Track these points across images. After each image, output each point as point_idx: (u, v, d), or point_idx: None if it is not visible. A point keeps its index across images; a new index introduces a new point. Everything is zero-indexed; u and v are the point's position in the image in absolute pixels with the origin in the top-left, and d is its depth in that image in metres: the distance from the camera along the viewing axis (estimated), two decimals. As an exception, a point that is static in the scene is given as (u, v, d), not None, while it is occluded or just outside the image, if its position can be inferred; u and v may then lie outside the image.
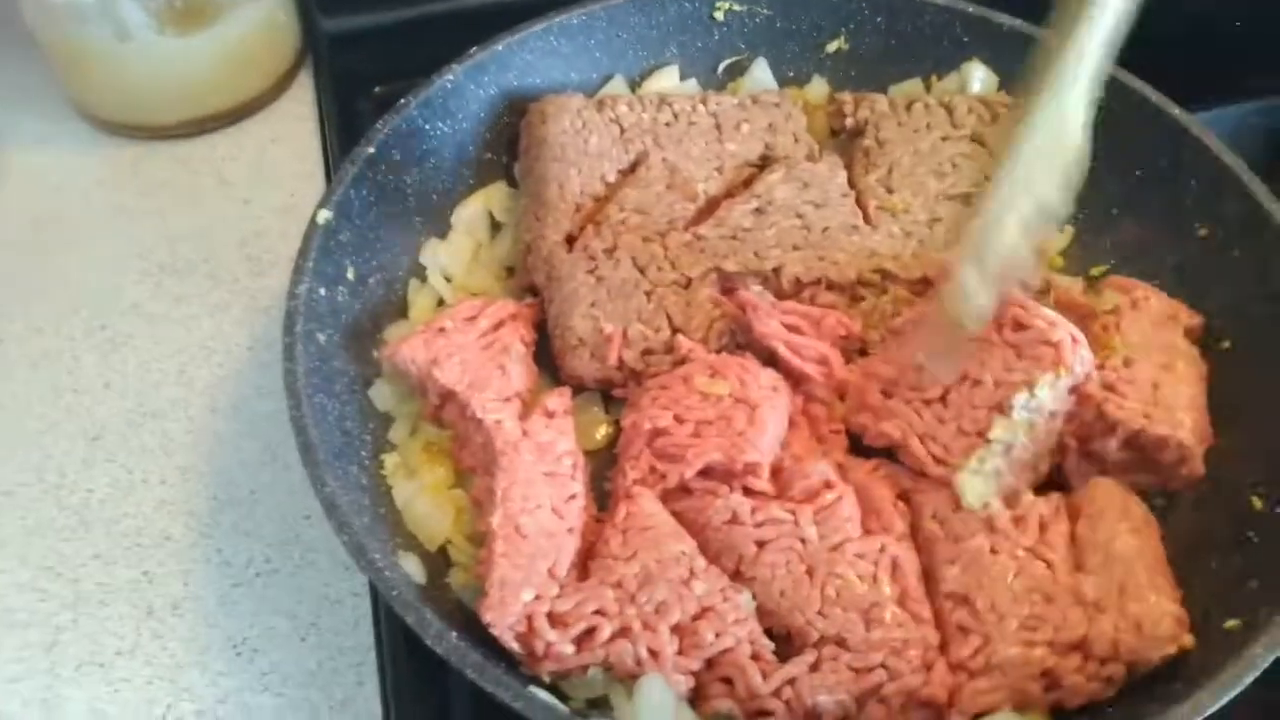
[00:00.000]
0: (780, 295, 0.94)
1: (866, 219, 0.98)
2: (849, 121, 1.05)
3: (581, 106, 1.02)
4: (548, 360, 0.94)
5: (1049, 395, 0.81)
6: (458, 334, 0.89)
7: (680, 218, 0.98)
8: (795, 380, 0.90)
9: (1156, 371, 0.84)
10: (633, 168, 1.02)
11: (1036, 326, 0.82)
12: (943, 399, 0.83)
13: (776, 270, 0.94)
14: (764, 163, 1.02)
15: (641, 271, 0.93)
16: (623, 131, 1.02)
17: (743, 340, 0.92)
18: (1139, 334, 0.86)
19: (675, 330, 0.91)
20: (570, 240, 0.97)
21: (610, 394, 0.92)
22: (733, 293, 0.94)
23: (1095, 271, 1.01)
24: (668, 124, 1.03)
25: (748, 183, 1.01)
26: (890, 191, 1.00)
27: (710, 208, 1.00)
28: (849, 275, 0.94)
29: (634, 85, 1.11)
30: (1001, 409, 0.80)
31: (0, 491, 0.95)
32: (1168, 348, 0.86)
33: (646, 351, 0.91)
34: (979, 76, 1.08)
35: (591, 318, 0.91)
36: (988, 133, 1.02)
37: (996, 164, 0.78)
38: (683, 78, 1.12)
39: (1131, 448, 0.82)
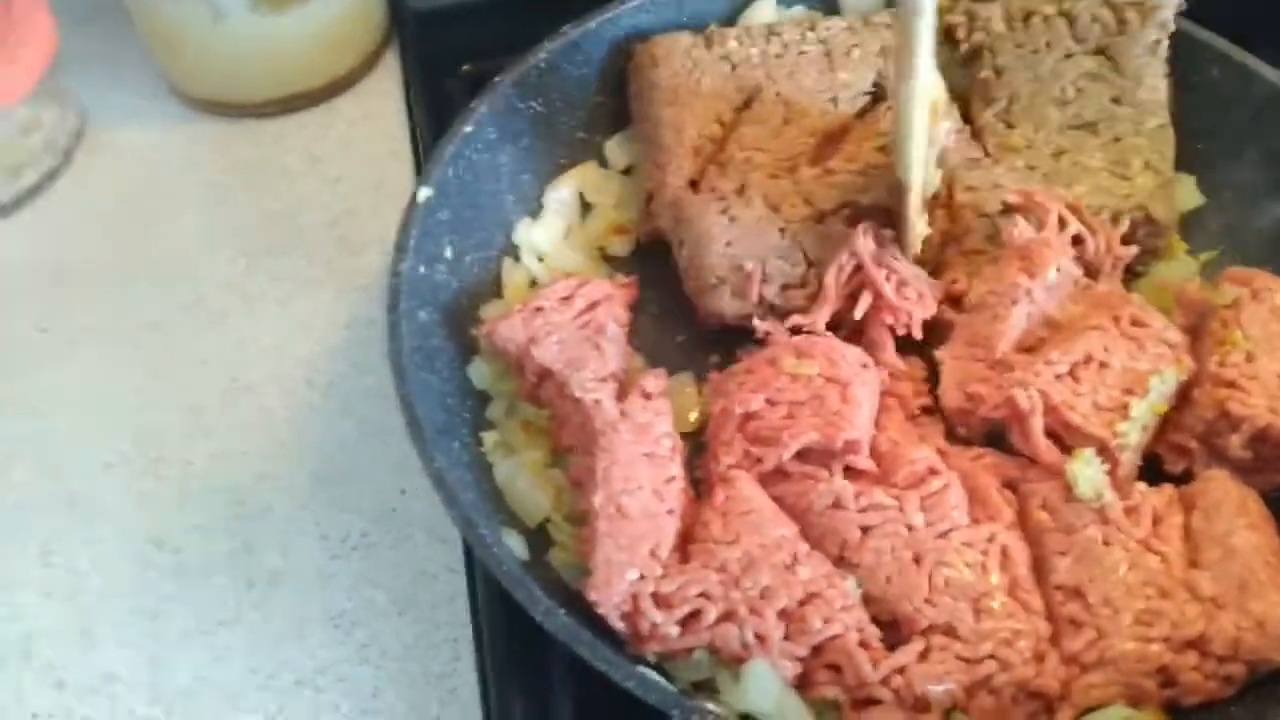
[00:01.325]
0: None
1: (987, 153, 0.96)
2: (963, 47, 1.01)
3: (690, 45, 1.01)
4: (641, 341, 0.94)
5: (1172, 384, 0.79)
6: (554, 313, 0.89)
7: (801, 153, 0.96)
8: (876, 351, 0.89)
9: None
10: (747, 104, 1.00)
11: (1154, 326, 0.83)
12: (1073, 374, 0.81)
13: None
14: (878, 90, 1.00)
15: (774, 209, 0.93)
16: (734, 68, 1.01)
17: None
18: (1260, 326, 0.83)
19: (811, 265, 0.91)
20: (693, 184, 0.96)
21: (704, 378, 0.92)
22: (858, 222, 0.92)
23: (1204, 257, 0.98)
24: (778, 55, 1.01)
25: (863, 113, 0.99)
26: (1011, 127, 0.97)
27: (830, 140, 0.98)
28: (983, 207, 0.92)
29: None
30: (1135, 391, 0.79)
31: (102, 463, 0.97)
32: None
33: (786, 286, 0.91)
34: None
35: (728, 256, 0.91)
36: (1113, 44, 0.97)
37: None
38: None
39: (1259, 445, 0.80)
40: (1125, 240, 0.92)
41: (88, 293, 1.09)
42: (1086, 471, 0.77)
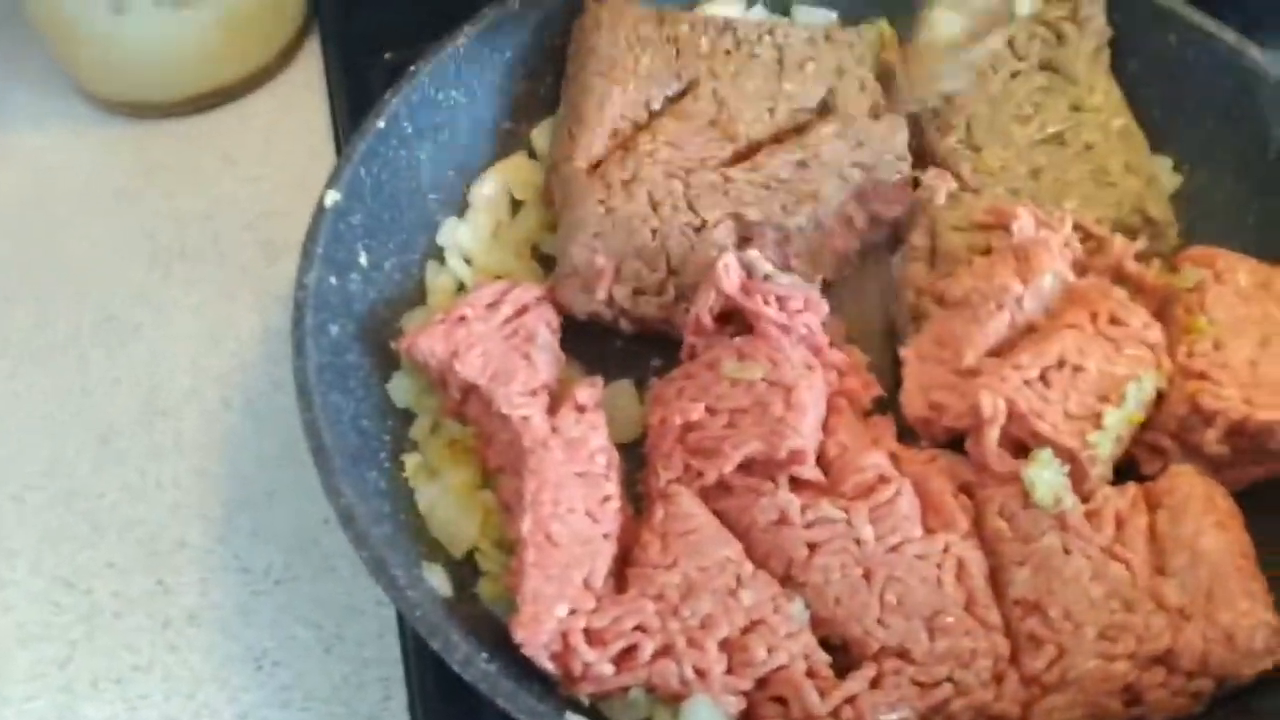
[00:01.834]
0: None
1: (964, 185, 0.90)
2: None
3: (640, 19, 0.96)
4: (577, 345, 0.88)
5: (1150, 391, 0.76)
6: (479, 322, 0.83)
7: (714, 157, 0.91)
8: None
9: (1252, 349, 0.77)
10: (682, 94, 0.95)
11: (1133, 325, 0.78)
12: (1044, 379, 0.76)
13: (800, 226, 0.88)
14: (822, 109, 0.95)
15: (654, 208, 0.88)
16: (679, 53, 0.96)
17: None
18: (1226, 310, 0.78)
19: (672, 272, 0.87)
20: (596, 164, 0.92)
21: (645, 385, 0.86)
22: (749, 243, 0.88)
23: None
24: (727, 51, 0.96)
25: (800, 130, 0.94)
26: (977, 150, 0.92)
27: (750, 151, 0.93)
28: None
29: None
30: (1110, 399, 0.74)
31: (9, 496, 0.91)
32: (1262, 320, 0.78)
33: (638, 290, 0.87)
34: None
35: (590, 248, 0.87)
36: (1056, 56, 0.94)
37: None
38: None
39: (1236, 439, 0.75)
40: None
41: (-7, 311, 1.02)
42: (1044, 475, 0.73)
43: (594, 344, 0.90)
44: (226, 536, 0.89)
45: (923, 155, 0.94)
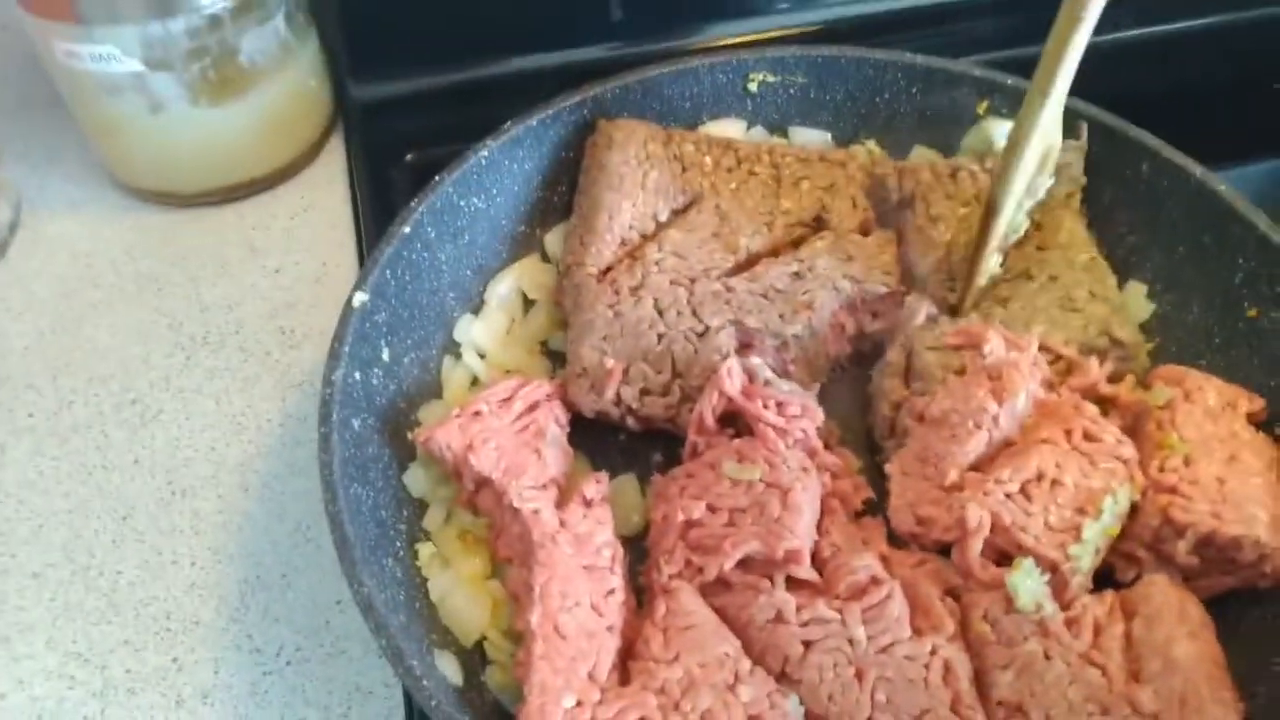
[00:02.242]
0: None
1: (954, 310, 0.96)
2: (894, 196, 1.03)
3: (649, 137, 1.03)
4: (583, 440, 0.93)
5: (1125, 504, 0.80)
6: (493, 418, 0.88)
7: (717, 268, 0.97)
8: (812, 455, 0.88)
9: (1220, 466, 0.81)
10: (686, 208, 1.02)
11: (1106, 441, 0.83)
12: (1024, 493, 0.81)
13: (796, 335, 0.93)
14: (817, 224, 1.01)
15: (660, 313, 0.94)
16: (684, 170, 1.03)
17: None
18: (1195, 428, 0.83)
19: (677, 375, 0.92)
20: (605, 272, 0.97)
21: (647, 479, 0.91)
22: (750, 348, 0.93)
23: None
24: (729, 169, 1.03)
25: (796, 243, 1.00)
26: (951, 280, 0.97)
27: (750, 263, 0.99)
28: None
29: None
30: (1088, 511, 0.79)
31: (29, 573, 0.94)
32: (1229, 438, 0.83)
33: (645, 391, 0.91)
34: (1002, 132, 1.05)
35: (600, 350, 0.92)
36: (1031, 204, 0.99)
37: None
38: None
39: (1206, 550, 0.79)
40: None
41: (17, 390, 1.06)
42: (1026, 583, 0.77)
43: (598, 439, 0.95)
44: (240, 616, 0.91)
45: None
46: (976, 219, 0.97)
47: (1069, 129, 0.98)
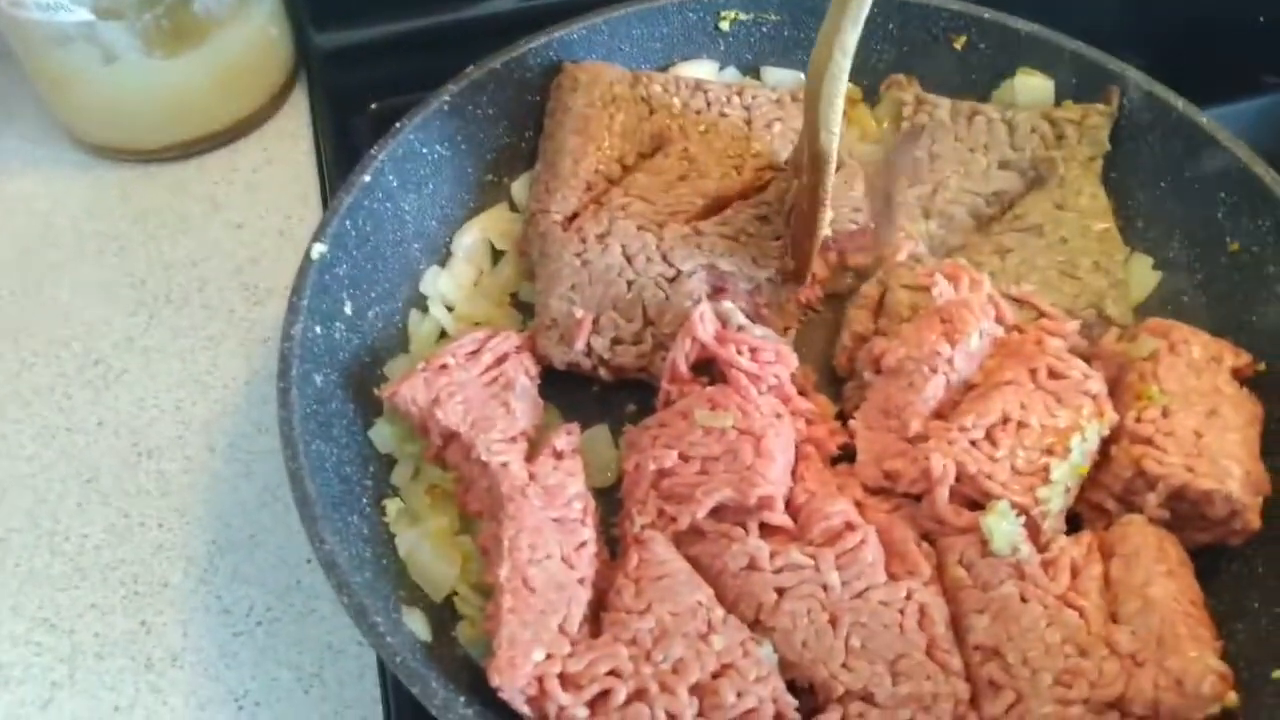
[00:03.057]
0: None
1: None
2: (905, 124, 1.00)
3: (615, 79, 1.00)
4: (554, 392, 0.91)
5: (1095, 441, 0.78)
6: (460, 370, 0.86)
7: (684, 211, 0.95)
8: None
9: (1199, 419, 0.79)
10: (653, 151, 0.99)
11: (1073, 376, 0.81)
12: (989, 438, 0.79)
13: (770, 278, 0.91)
14: (788, 167, 0.98)
15: (629, 260, 0.91)
16: (651, 112, 1.00)
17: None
18: (1178, 380, 0.81)
19: (649, 323, 0.90)
20: (572, 218, 0.95)
21: (621, 430, 0.89)
22: (723, 292, 0.91)
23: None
24: (699, 111, 1.00)
25: (763, 187, 0.98)
26: (926, 217, 0.95)
27: (718, 206, 0.96)
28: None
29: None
30: (1055, 451, 0.77)
31: (-8, 538, 0.92)
32: (1211, 392, 0.81)
33: (616, 341, 0.90)
34: (1032, 88, 1.02)
35: (568, 300, 0.90)
36: (1050, 156, 0.97)
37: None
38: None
39: (1176, 504, 0.78)
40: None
41: (-24, 355, 1.04)
42: (1002, 525, 0.75)
43: (570, 390, 0.93)
44: (208, 578, 0.90)
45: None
46: (979, 167, 0.94)
47: (1098, 92, 0.96)
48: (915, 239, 0.93)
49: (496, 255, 1.01)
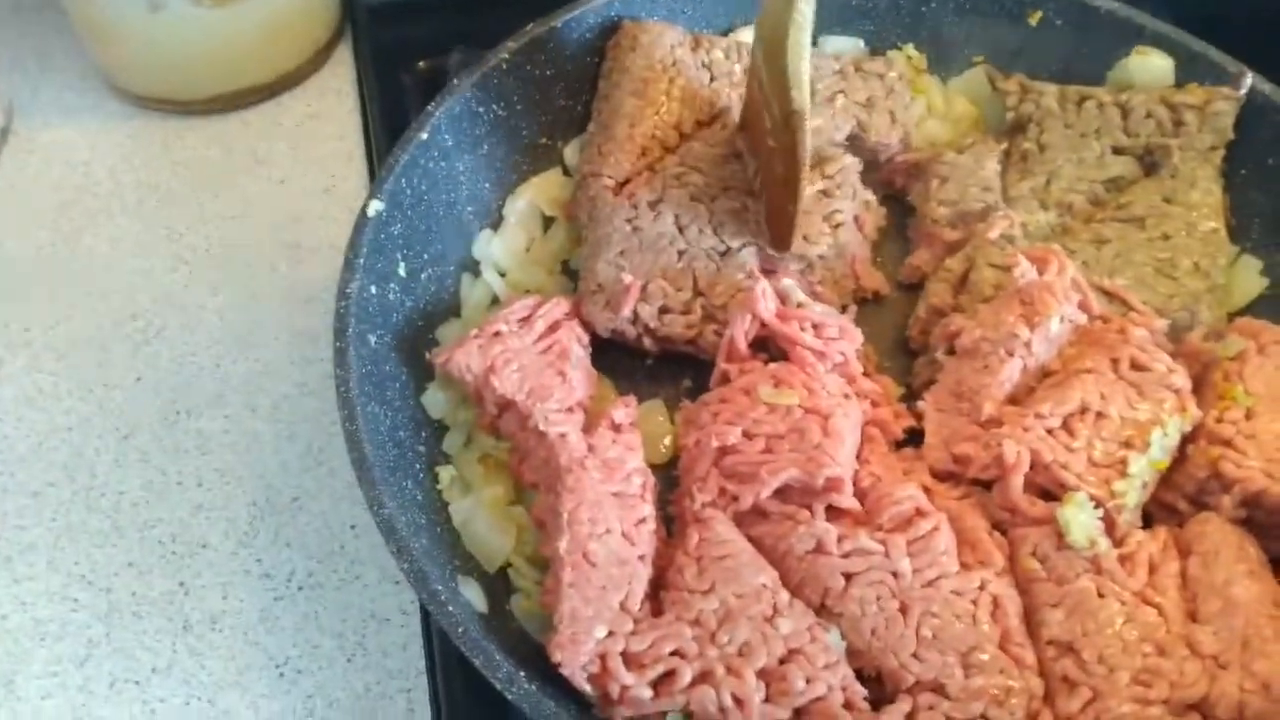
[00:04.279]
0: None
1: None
2: (1009, 115, 0.96)
3: (676, 41, 0.97)
4: (607, 365, 0.88)
5: (1175, 437, 0.75)
6: (514, 338, 0.83)
7: (737, 187, 0.91)
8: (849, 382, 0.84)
9: None
10: (711, 120, 0.96)
11: (1157, 370, 0.78)
12: (1066, 427, 0.76)
13: (822, 255, 0.89)
14: (850, 143, 0.96)
15: (681, 230, 0.89)
16: (712, 79, 0.97)
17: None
18: (1264, 383, 0.78)
19: (699, 294, 0.87)
20: (624, 183, 0.92)
21: (676, 405, 0.86)
22: (772, 274, 0.88)
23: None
24: None
25: (822, 161, 0.94)
26: (1044, 208, 0.92)
27: None
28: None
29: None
30: (1134, 444, 0.74)
31: (29, 492, 0.90)
32: None
33: (664, 310, 0.87)
34: (1147, 68, 0.96)
35: (616, 265, 0.88)
36: (1167, 144, 0.92)
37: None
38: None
39: (1253, 510, 0.75)
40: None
41: (14, 305, 1.01)
42: (1079, 518, 0.73)
43: (624, 363, 0.90)
44: (249, 540, 0.88)
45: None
46: (1093, 154, 0.92)
47: (1222, 76, 0.92)
48: (1011, 218, 0.89)
49: (548, 221, 0.99)
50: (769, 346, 0.86)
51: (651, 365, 0.91)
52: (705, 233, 0.89)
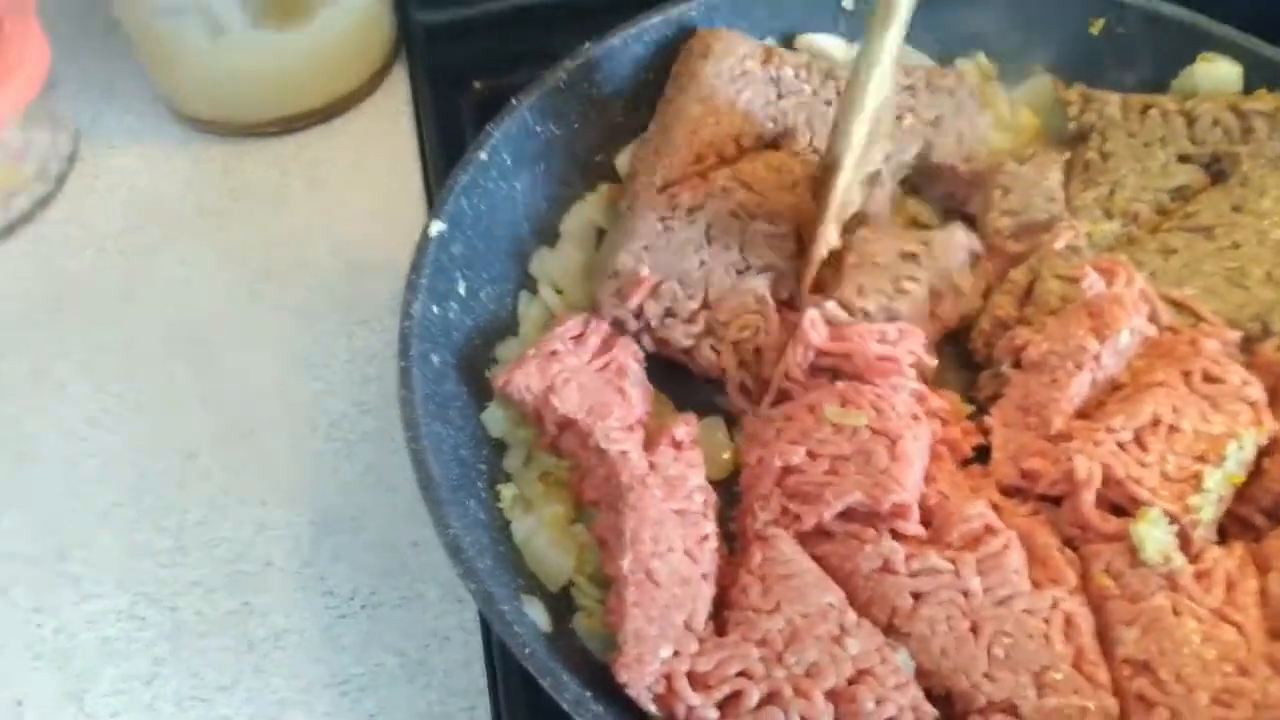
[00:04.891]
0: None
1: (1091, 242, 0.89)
2: (1071, 125, 0.95)
3: (748, 53, 0.96)
4: (666, 384, 0.88)
5: (1251, 450, 0.73)
6: (570, 356, 0.83)
7: (785, 215, 0.90)
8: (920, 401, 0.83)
9: None
10: (774, 143, 0.95)
11: (1231, 382, 0.77)
12: (1138, 441, 0.75)
13: (867, 314, 0.87)
14: (918, 162, 0.94)
15: (709, 240, 0.89)
16: (780, 96, 0.96)
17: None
18: None
19: (706, 306, 0.86)
20: (668, 185, 0.92)
21: (735, 421, 0.86)
22: (787, 304, 0.88)
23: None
24: (828, 102, 0.96)
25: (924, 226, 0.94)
26: (1110, 217, 0.91)
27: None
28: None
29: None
30: (1209, 459, 0.73)
31: (95, 512, 0.92)
32: None
33: (669, 313, 0.86)
34: (1212, 76, 0.95)
35: (637, 257, 0.87)
36: (1235, 151, 0.91)
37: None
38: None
39: None
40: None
41: (80, 327, 1.03)
42: (1154, 534, 0.71)
43: (682, 381, 0.89)
44: (311, 559, 0.88)
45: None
46: (1157, 163, 0.90)
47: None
48: (1076, 228, 0.88)
49: (603, 236, 0.99)
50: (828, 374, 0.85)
51: (710, 382, 0.90)
52: (731, 248, 0.88)
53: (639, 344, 0.88)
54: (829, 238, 0.87)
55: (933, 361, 0.84)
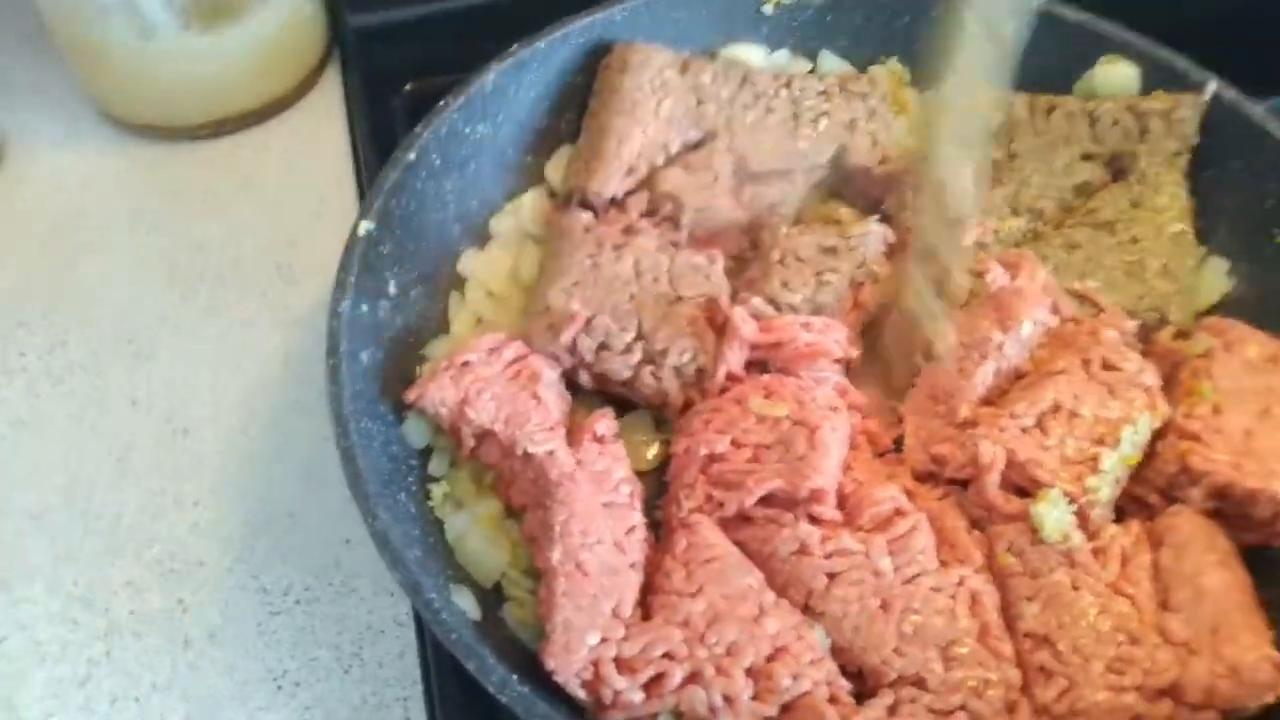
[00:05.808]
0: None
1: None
2: None
3: (665, 65, 0.98)
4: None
5: (1146, 433, 0.77)
6: (483, 366, 0.83)
7: (714, 209, 0.93)
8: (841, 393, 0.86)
9: (1251, 419, 0.79)
10: (697, 145, 0.98)
11: (1127, 369, 0.81)
12: (1040, 426, 0.79)
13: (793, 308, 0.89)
14: (832, 166, 0.98)
15: (637, 275, 0.90)
16: (699, 102, 0.98)
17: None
18: (1231, 378, 0.81)
19: (640, 337, 0.87)
20: (613, 201, 0.94)
21: (662, 415, 0.88)
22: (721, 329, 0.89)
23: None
24: (745, 106, 0.98)
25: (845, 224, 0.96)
26: (1015, 214, 0.94)
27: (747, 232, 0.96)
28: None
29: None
30: (1106, 441, 0.77)
31: (27, 515, 0.92)
32: (1265, 392, 0.80)
33: (603, 347, 0.87)
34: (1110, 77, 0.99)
35: (567, 293, 0.88)
36: (1133, 149, 0.95)
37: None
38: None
39: (1221, 503, 0.77)
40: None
41: (9, 329, 1.03)
42: (1053, 513, 0.75)
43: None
44: (245, 557, 0.89)
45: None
46: (1061, 162, 0.94)
47: (1186, 83, 0.94)
48: (984, 225, 0.92)
49: (533, 239, 1.00)
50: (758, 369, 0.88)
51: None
52: (660, 281, 0.90)
53: (576, 379, 0.88)
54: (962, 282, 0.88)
55: (855, 352, 0.87)
